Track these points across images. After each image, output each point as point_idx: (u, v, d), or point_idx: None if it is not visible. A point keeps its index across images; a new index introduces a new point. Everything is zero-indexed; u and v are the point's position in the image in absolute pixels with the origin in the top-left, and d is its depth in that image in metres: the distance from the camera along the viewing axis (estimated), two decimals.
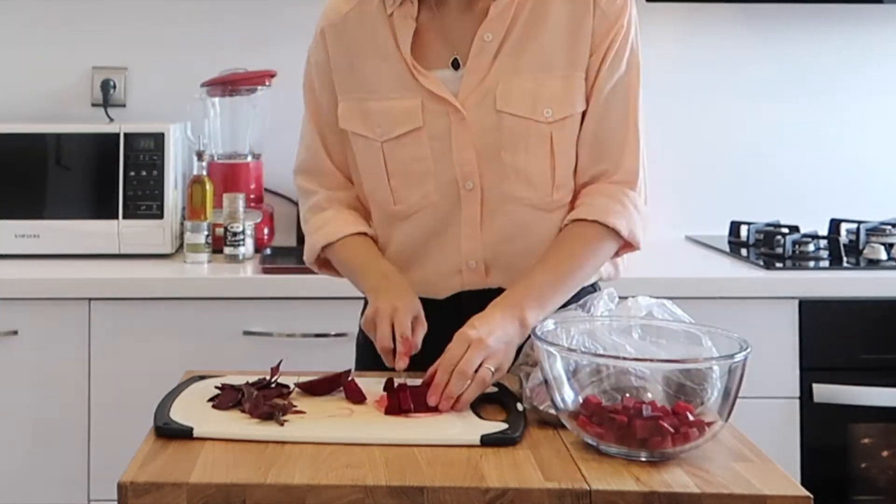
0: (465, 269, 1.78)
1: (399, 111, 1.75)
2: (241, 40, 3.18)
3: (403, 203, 1.79)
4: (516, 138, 1.73)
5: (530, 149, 1.73)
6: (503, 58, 1.73)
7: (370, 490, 1.25)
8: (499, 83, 1.73)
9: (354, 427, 1.45)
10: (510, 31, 1.73)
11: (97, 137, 2.86)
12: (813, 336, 2.60)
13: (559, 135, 1.73)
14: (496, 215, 1.75)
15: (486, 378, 1.53)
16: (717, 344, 1.41)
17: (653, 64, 3.26)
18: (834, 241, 2.85)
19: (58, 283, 2.59)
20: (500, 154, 1.73)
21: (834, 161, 3.27)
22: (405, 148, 1.76)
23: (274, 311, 2.59)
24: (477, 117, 1.73)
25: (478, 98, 1.73)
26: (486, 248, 1.77)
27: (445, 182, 1.76)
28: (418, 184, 1.77)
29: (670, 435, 1.30)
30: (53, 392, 2.58)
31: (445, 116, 1.74)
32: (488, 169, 1.74)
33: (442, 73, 1.76)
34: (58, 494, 2.57)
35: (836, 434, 2.60)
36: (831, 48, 3.27)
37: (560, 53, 1.73)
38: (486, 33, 1.73)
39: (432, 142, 1.75)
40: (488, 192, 1.75)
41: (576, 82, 1.73)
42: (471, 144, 1.73)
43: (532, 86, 1.72)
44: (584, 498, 1.24)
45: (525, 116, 1.72)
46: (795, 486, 1.27)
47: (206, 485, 1.26)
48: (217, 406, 1.51)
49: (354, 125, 1.80)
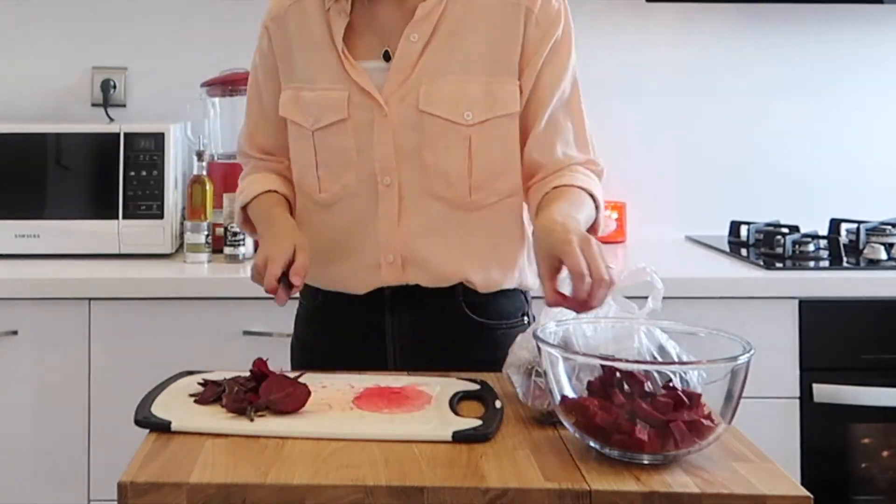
0: (383, 263, 1.81)
1: (328, 101, 1.80)
2: (241, 40, 3.15)
3: (327, 192, 1.83)
4: (436, 138, 1.76)
5: (449, 149, 1.77)
6: (427, 58, 1.77)
7: (370, 490, 1.25)
8: (422, 83, 1.76)
9: (329, 422, 1.44)
10: (436, 32, 1.77)
11: (97, 137, 2.86)
12: (813, 336, 2.60)
13: (478, 137, 1.77)
14: (414, 212, 1.79)
15: (615, 277, 1.48)
16: (720, 345, 1.41)
17: (652, 64, 3.30)
18: (834, 241, 2.85)
19: (58, 283, 2.59)
20: (420, 152, 1.77)
21: (834, 161, 3.27)
22: (332, 137, 1.81)
23: (274, 311, 2.55)
24: (399, 115, 1.77)
25: (400, 96, 1.77)
26: (404, 244, 1.80)
27: (366, 175, 1.79)
28: (341, 173, 1.81)
29: (674, 440, 1.29)
30: (53, 392, 2.58)
31: (370, 111, 1.78)
32: (407, 166, 1.78)
33: (373, 64, 1.79)
34: (58, 494, 2.57)
35: (836, 434, 2.60)
36: (831, 48, 3.27)
37: (485, 57, 1.77)
38: (412, 34, 1.77)
39: (357, 134, 1.79)
40: (406, 189, 1.78)
41: (499, 87, 1.77)
42: (390, 141, 1.77)
43: (454, 88, 1.76)
44: (584, 498, 1.24)
45: (445, 118, 1.76)
46: (796, 486, 1.27)
47: (206, 485, 1.26)
48: (199, 401, 1.52)
49: (291, 113, 1.86)
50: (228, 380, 1.55)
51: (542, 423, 1.46)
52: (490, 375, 1.65)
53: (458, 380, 1.63)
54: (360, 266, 1.82)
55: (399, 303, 1.81)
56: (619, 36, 3.25)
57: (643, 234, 3.17)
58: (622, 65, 3.24)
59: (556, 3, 1.79)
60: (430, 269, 1.79)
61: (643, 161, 3.23)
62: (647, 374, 1.34)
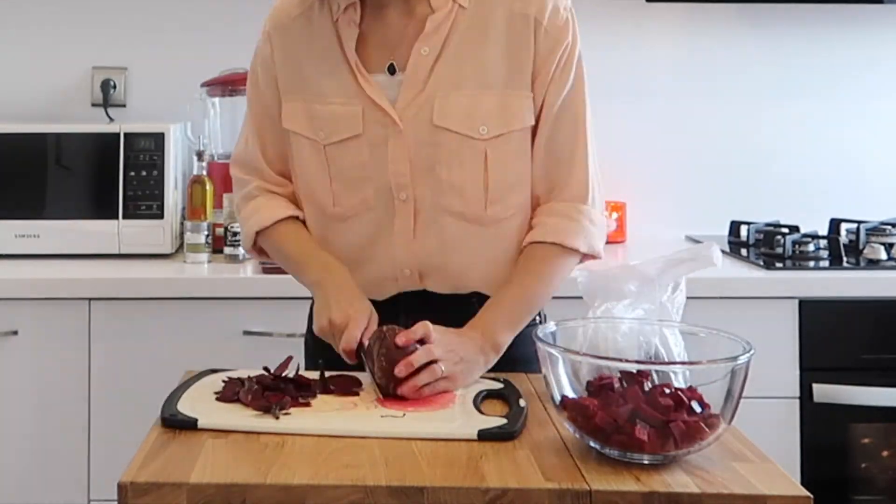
0: (400, 276, 1.80)
1: (341, 116, 1.77)
2: (242, 40, 3.16)
3: (342, 206, 1.81)
4: (451, 153, 1.74)
5: (465, 164, 1.75)
6: (440, 71, 1.74)
7: (370, 490, 1.25)
8: (436, 97, 1.74)
9: (353, 420, 1.46)
10: (447, 45, 1.74)
11: (97, 137, 2.86)
12: (813, 336, 2.60)
13: (494, 152, 1.75)
14: (430, 227, 1.77)
15: (437, 372, 1.56)
16: (720, 345, 1.41)
17: (651, 64, 3.31)
18: (834, 241, 2.85)
19: (58, 283, 2.59)
20: (435, 168, 1.75)
21: (834, 161, 3.27)
22: (347, 152, 1.78)
23: (274, 311, 2.58)
24: (413, 130, 1.74)
25: (414, 111, 1.74)
26: (420, 259, 1.79)
27: (383, 189, 1.78)
28: (358, 189, 1.79)
29: (674, 440, 1.29)
30: (53, 392, 2.58)
31: (384, 127, 1.75)
32: (423, 182, 1.76)
33: (379, 78, 1.77)
34: (58, 494, 2.57)
35: (836, 434, 2.60)
36: (831, 48, 3.27)
37: (499, 70, 1.74)
38: (422, 47, 1.74)
39: (372, 149, 1.77)
40: (422, 204, 1.77)
41: (515, 101, 1.75)
42: (406, 157, 1.75)
43: (468, 101, 1.74)
44: (584, 498, 1.24)
45: (460, 132, 1.74)
46: (795, 486, 1.27)
47: (206, 485, 1.26)
48: (221, 398, 1.53)
49: (300, 126, 1.82)
50: (249, 378, 1.56)
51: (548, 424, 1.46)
52: (510, 375, 1.66)
53: (481, 378, 1.64)
54: (376, 277, 1.81)
55: (415, 305, 1.80)
56: (619, 36, 3.24)
57: (643, 233, 3.17)
58: (622, 65, 3.24)
59: (564, 12, 1.77)
60: (446, 281, 1.79)
61: (643, 161, 3.23)
62: (646, 373, 1.34)
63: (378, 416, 1.48)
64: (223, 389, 1.55)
